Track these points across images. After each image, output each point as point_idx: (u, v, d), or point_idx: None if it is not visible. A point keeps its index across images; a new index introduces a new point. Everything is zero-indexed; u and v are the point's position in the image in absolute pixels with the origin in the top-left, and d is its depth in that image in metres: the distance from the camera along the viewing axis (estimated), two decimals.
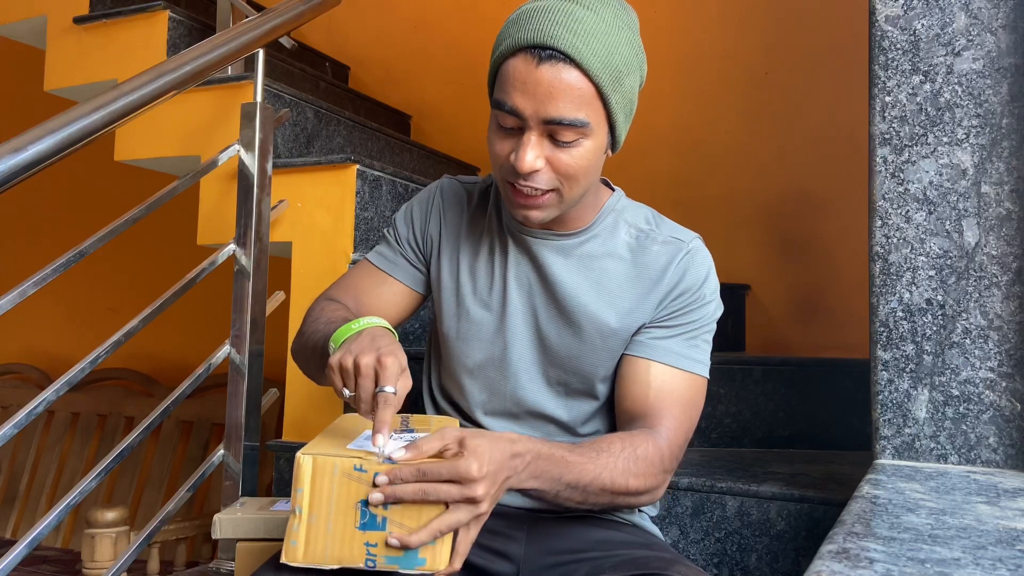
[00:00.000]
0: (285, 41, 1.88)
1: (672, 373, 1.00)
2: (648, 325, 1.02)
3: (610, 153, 0.97)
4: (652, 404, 0.98)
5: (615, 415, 1.05)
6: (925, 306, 1.05)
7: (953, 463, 1.03)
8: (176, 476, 2.88)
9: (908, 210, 1.07)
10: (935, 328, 1.05)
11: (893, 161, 1.08)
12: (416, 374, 1.01)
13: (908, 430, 1.05)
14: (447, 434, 0.80)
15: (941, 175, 1.06)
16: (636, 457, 0.92)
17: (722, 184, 2.52)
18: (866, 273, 1.10)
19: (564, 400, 1.05)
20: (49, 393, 1.30)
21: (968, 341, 1.03)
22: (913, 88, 1.08)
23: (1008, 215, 1.02)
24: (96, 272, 3.05)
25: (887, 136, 1.09)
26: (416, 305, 1.15)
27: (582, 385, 1.04)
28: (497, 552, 0.99)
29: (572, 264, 1.03)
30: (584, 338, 1.02)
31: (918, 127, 1.07)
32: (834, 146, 2.36)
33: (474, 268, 1.07)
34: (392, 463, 0.78)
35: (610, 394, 1.05)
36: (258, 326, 1.64)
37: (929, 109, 1.07)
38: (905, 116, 1.08)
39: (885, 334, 1.07)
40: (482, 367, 1.05)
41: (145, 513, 2.81)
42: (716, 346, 1.07)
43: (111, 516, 1.69)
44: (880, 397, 1.07)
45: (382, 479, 0.76)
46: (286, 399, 1.75)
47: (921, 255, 1.06)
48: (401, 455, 0.78)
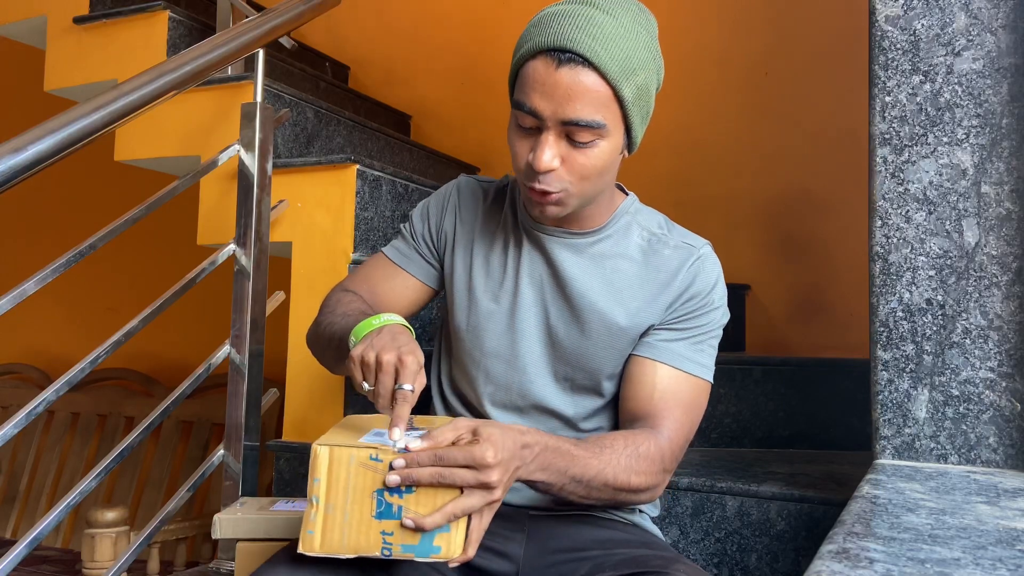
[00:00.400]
0: (285, 41, 1.88)
1: (677, 375, 1.02)
2: (657, 327, 1.04)
3: (626, 154, 0.99)
4: (656, 405, 1.00)
5: (619, 413, 1.06)
6: (925, 306, 1.05)
7: (953, 463, 1.03)
8: (176, 476, 2.87)
9: (908, 210, 1.07)
10: (935, 328, 1.05)
11: (893, 161, 1.08)
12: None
13: (908, 430, 1.05)
14: (460, 424, 0.82)
15: (941, 175, 1.06)
16: (638, 455, 0.94)
17: (722, 184, 2.52)
18: (866, 273, 1.10)
19: (570, 396, 1.06)
20: (49, 393, 1.30)
21: (968, 341, 1.03)
22: (913, 88, 1.08)
23: (1008, 215, 1.02)
24: (96, 272, 3.05)
25: (887, 136, 1.09)
26: (428, 299, 1.18)
27: (588, 382, 1.05)
28: (497, 552, 0.99)
29: (584, 262, 1.04)
30: (592, 335, 1.03)
31: (918, 127, 1.07)
32: (834, 146, 2.36)
33: (488, 263, 1.09)
34: (406, 452, 0.79)
35: (615, 392, 1.07)
36: (258, 326, 1.64)
37: (929, 109, 1.07)
38: (905, 116, 1.08)
39: (885, 334, 1.07)
40: (491, 359, 1.06)
41: (145, 513, 2.81)
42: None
43: (111, 516, 1.69)
44: (880, 397, 1.07)
45: (399, 463, 0.78)
46: (286, 399, 1.75)
47: (921, 255, 1.06)
48: (417, 445, 0.79)
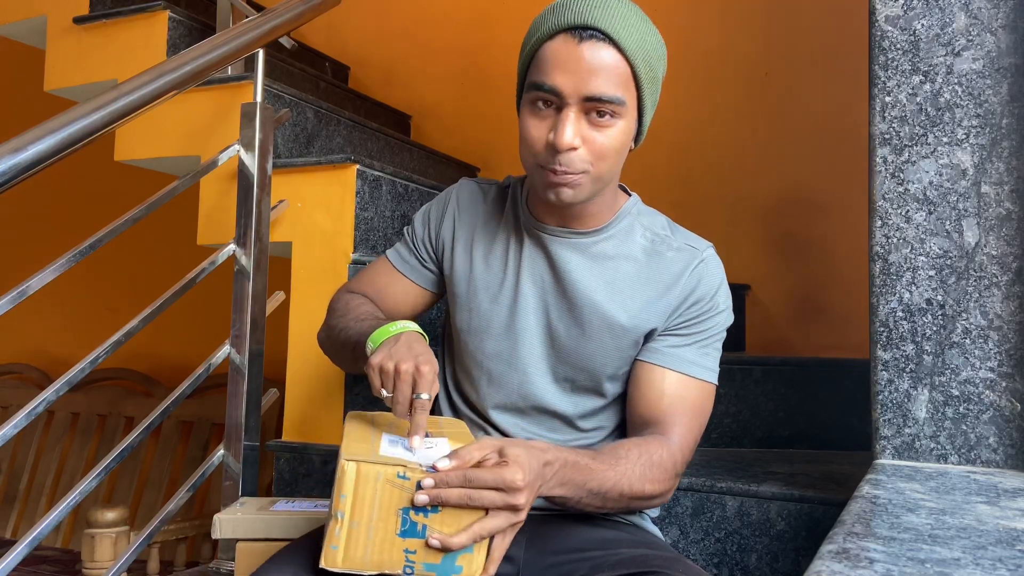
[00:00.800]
0: (285, 41, 1.88)
1: (685, 381, 1.02)
2: (663, 332, 1.04)
3: (633, 146, 1.00)
4: (665, 411, 1.01)
5: (627, 418, 1.07)
6: (925, 306, 1.05)
7: (953, 463, 1.03)
8: (176, 476, 2.87)
9: (908, 210, 1.07)
10: (935, 328, 1.05)
11: (893, 161, 1.08)
12: None
13: (908, 430, 1.05)
14: (485, 444, 0.83)
15: (941, 175, 1.05)
16: (652, 463, 0.95)
17: (722, 184, 2.52)
18: (866, 273, 1.10)
19: (570, 396, 1.06)
20: (49, 393, 1.30)
21: (968, 341, 1.03)
22: (913, 88, 1.08)
23: (1008, 215, 1.02)
24: (96, 272, 3.05)
25: (887, 136, 1.09)
26: (430, 302, 1.20)
27: (589, 382, 1.05)
28: None
29: (586, 262, 1.04)
30: (593, 335, 1.03)
31: (918, 127, 1.07)
32: (834, 146, 2.36)
33: (488, 263, 1.09)
34: (435, 472, 0.80)
35: (616, 392, 1.07)
36: (258, 326, 1.64)
37: (929, 109, 1.07)
38: (905, 116, 1.08)
39: (885, 334, 1.07)
40: (492, 360, 1.06)
41: (145, 513, 2.81)
42: None
43: (111, 516, 1.69)
44: (880, 397, 1.07)
45: (428, 482, 0.79)
46: (286, 399, 1.74)
47: (921, 255, 1.06)
48: (445, 464, 0.80)
